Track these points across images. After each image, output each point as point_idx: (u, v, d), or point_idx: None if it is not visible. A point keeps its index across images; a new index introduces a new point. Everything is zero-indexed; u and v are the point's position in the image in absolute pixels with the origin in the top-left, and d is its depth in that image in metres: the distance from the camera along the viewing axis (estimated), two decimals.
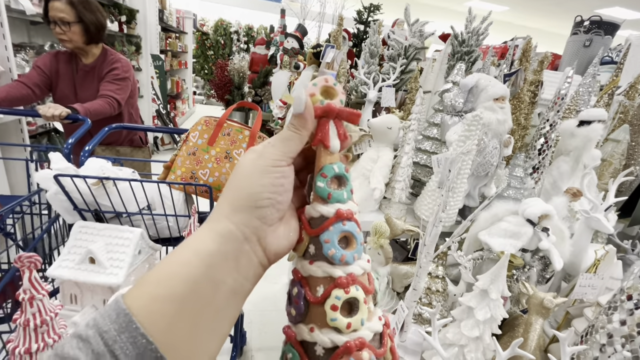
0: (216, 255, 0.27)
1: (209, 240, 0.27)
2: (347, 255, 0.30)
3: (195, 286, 0.25)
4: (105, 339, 0.22)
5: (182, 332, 0.24)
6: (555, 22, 8.25)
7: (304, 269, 0.31)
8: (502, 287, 0.68)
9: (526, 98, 1.29)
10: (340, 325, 0.28)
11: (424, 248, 0.75)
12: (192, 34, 7.24)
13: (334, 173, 0.32)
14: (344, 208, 0.31)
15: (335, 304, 0.29)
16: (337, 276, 0.29)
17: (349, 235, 0.31)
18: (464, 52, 1.54)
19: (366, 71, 1.50)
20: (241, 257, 0.28)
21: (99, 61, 1.76)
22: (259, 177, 0.29)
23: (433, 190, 1.08)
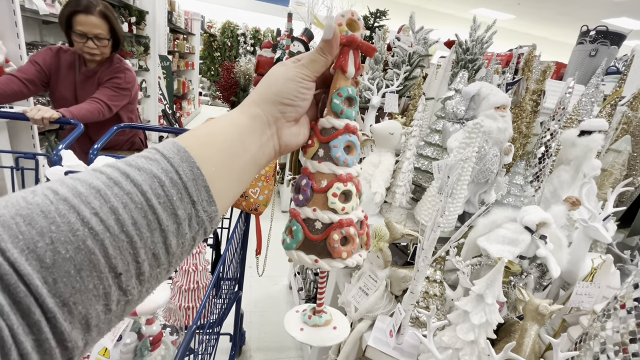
0: (247, 127, 0.35)
1: (243, 117, 0.35)
2: (349, 159, 0.39)
3: (231, 144, 0.33)
4: (171, 162, 0.28)
5: (220, 173, 0.31)
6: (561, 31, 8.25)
7: (313, 166, 0.40)
8: (497, 292, 0.69)
9: (528, 107, 1.30)
10: (337, 208, 0.38)
11: (422, 252, 0.76)
12: (200, 36, 7.32)
13: (348, 94, 0.39)
14: (352, 123, 0.39)
15: (336, 193, 0.38)
16: (339, 173, 0.39)
17: (352, 144, 0.40)
18: (468, 60, 1.56)
19: (370, 77, 1.52)
20: (263, 135, 0.36)
21: (103, 67, 1.70)
22: (287, 82, 0.36)
23: (433, 196, 1.09)
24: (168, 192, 0.27)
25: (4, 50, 1.72)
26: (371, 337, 0.87)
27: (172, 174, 0.27)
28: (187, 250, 0.30)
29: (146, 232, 0.25)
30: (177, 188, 0.27)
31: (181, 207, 0.28)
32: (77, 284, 0.22)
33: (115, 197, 0.24)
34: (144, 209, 0.25)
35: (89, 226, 0.23)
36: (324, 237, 0.38)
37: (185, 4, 6.23)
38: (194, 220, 0.29)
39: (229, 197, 0.33)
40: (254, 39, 8.35)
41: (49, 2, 2.20)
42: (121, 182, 0.25)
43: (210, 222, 0.31)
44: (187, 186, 0.28)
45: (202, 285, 0.93)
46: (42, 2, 2.07)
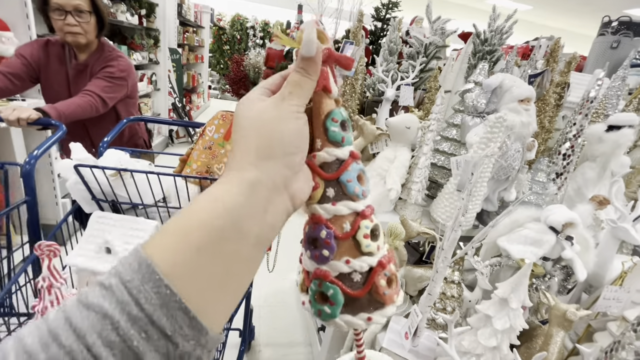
0: (244, 206, 0.25)
1: (235, 190, 0.26)
2: (366, 191, 0.34)
3: (221, 238, 0.24)
4: (129, 288, 0.22)
5: (206, 283, 0.24)
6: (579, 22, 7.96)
7: (328, 211, 0.33)
8: (523, 297, 0.65)
9: (552, 100, 1.24)
10: (373, 249, 0.33)
11: (442, 253, 0.73)
12: (209, 29, 7.29)
13: (342, 117, 0.34)
14: (355, 150, 0.35)
15: (366, 233, 0.32)
16: (361, 210, 0.33)
17: (361, 173, 0.35)
18: (486, 52, 1.49)
19: (384, 69, 1.47)
20: (269, 207, 0.27)
21: (93, 57, 1.52)
22: (288, 123, 0.28)
23: (451, 193, 1.05)
24: (125, 335, 0.20)
25: (16, 42, 1.72)
26: (385, 339, 0.84)
27: (129, 307, 0.21)
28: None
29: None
30: (138, 325, 0.21)
31: (148, 349, 0.21)
32: None
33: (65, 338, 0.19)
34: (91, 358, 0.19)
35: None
36: (369, 287, 0.32)
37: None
38: (173, 354, 0.22)
39: (225, 305, 0.25)
40: (263, 31, 8.29)
41: None
42: (60, 337, 0.20)
43: (203, 349, 0.23)
44: (154, 318, 0.21)
45: None
46: None
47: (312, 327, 1.76)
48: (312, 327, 1.76)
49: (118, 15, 3.00)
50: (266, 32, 8.26)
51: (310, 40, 0.29)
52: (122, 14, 3.05)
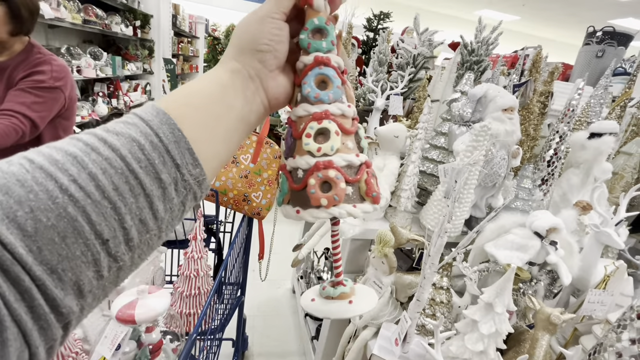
0: (228, 84, 0.33)
1: (221, 73, 0.33)
2: (320, 94, 0.34)
3: (213, 104, 0.31)
4: (150, 125, 0.27)
5: (203, 134, 0.30)
6: (566, 32, 8.19)
7: (292, 113, 0.36)
8: (507, 301, 0.67)
9: (535, 109, 1.27)
10: (312, 149, 0.34)
11: (429, 259, 0.74)
12: (204, 39, 7.36)
13: (314, 25, 0.35)
14: (322, 55, 0.35)
15: (309, 133, 0.34)
16: (313, 112, 0.34)
17: (325, 78, 0.35)
18: (473, 62, 1.54)
19: (374, 79, 1.51)
20: (247, 90, 0.34)
21: (16, 60, 1.16)
22: (257, 25, 0.34)
23: (439, 200, 1.07)
24: (149, 156, 0.26)
25: None
26: (376, 346, 0.85)
27: (152, 137, 0.26)
28: (177, 216, 0.29)
29: (130, 197, 0.25)
30: (158, 151, 0.26)
31: (164, 170, 0.27)
32: (64, 251, 0.22)
33: (93, 163, 0.24)
34: (124, 174, 0.25)
35: (68, 193, 0.22)
36: (304, 184, 0.34)
37: (189, 7, 6.27)
38: (180, 184, 0.28)
39: (217, 160, 0.32)
40: None
41: (54, 7, 2.22)
42: (99, 148, 0.24)
43: (199, 186, 0.30)
44: (169, 149, 0.27)
45: (203, 291, 0.92)
46: (47, 6, 2.08)
47: (305, 336, 1.75)
48: (305, 336, 1.75)
49: (112, 27, 3.03)
50: None
51: None
52: (116, 25, 3.08)
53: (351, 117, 0.37)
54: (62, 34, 2.76)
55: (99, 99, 2.93)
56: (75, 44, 2.90)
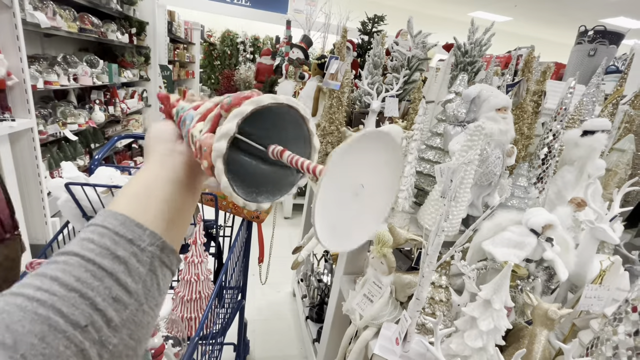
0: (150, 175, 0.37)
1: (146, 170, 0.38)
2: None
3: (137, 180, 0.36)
4: (95, 223, 0.30)
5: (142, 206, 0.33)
6: (559, 32, 8.28)
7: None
8: (505, 298, 0.68)
9: (529, 108, 1.29)
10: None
11: (427, 257, 0.75)
12: (200, 45, 7.38)
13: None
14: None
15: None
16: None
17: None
18: (467, 63, 1.56)
19: (370, 82, 1.52)
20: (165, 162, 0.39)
21: None
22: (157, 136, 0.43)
23: (436, 200, 1.08)
24: (100, 243, 0.28)
25: (6, 64, 1.74)
26: (377, 345, 0.86)
27: (99, 229, 0.29)
28: (155, 286, 0.31)
29: (94, 281, 0.26)
30: (108, 236, 0.29)
31: (119, 248, 0.29)
32: (47, 350, 0.22)
33: (52, 270, 0.26)
34: (82, 265, 0.26)
35: (35, 299, 0.24)
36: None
37: (184, 14, 6.30)
38: (140, 255, 0.30)
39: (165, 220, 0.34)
40: (253, 46, 8.41)
41: (50, 16, 2.23)
42: (55, 259, 0.27)
43: (162, 250, 0.32)
44: (117, 231, 0.29)
45: (204, 295, 0.92)
46: (43, 15, 2.09)
47: (307, 340, 1.75)
48: (307, 339, 1.75)
49: (108, 35, 3.04)
50: (256, 47, 8.39)
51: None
52: (112, 33, 3.09)
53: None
54: (59, 43, 2.77)
55: (96, 106, 2.93)
56: (71, 52, 2.91)
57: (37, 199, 2.06)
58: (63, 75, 2.40)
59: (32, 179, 2.02)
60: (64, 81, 2.40)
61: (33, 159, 1.99)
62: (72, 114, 2.55)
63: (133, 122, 3.85)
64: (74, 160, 2.65)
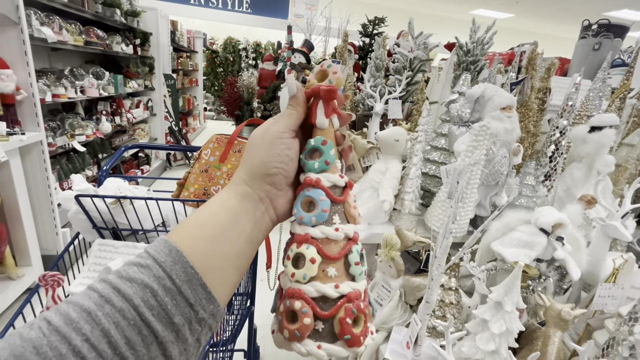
0: (238, 209, 0.34)
1: (232, 199, 0.34)
2: (304, 217, 0.35)
3: (223, 232, 0.32)
4: (163, 267, 0.28)
5: (215, 264, 0.30)
6: (562, 26, 8.20)
7: (295, 229, 0.37)
8: (516, 299, 0.67)
9: (534, 105, 1.28)
10: (288, 272, 0.34)
11: (435, 260, 0.74)
12: (202, 53, 7.47)
13: (310, 146, 0.36)
14: (313, 176, 0.36)
15: (289, 255, 0.35)
16: (296, 233, 0.35)
17: (312, 200, 0.35)
18: (470, 62, 1.55)
19: (372, 84, 1.52)
20: (257, 212, 0.35)
21: None
22: (267, 149, 0.35)
23: (443, 201, 1.07)
24: (162, 301, 0.26)
25: (15, 79, 1.77)
26: (388, 350, 0.85)
27: (164, 281, 0.27)
28: (194, 354, 0.29)
29: (141, 348, 0.25)
30: (171, 294, 0.27)
31: (177, 313, 0.27)
32: None
33: (106, 317, 0.25)
34: (137, 325, 0.25)
35: (80, 355, 0.23)
36: (278, 306, 0.35)
37: (187, 22, 6.38)
38: (194, 323, 0.28)
39: (229, 286, 0.32)
40: (255, 52, 8.48)
41: (57, 30, 2.27)
42: (112, 300, 0.25)
43: (214, 318, 0.30)
44: (182, 290, 0.28)
45: None
46: (49, 30, 2.14)
47: None
48: None
49: (113, 46, 3.09)
50: (258, 53, 8.46)
51: (291, 84, 0.36)
52: (117, 45, 3.14)
53: (341, 240, 0.34)
54: (65, 56, 2.83)
55: (103, 117, 2.98)
56: (78, 65, 2.96)
57: (47, 210, 2.09)
58: (70, 88, 2.45)
59: (43, 191, 2.05)
60: (71, 94, 2.44)
61: (43, 171, 2.02)
62: (80, 126, 2.60)
63: (139, 132, 3.90)
64: (83, 170, 2.69)
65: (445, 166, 1.06)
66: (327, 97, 0.36)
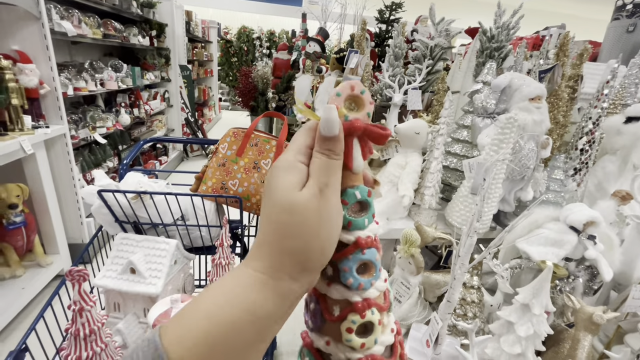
0: (272, 315, 0.25)
1: (270, 302, 0.25)
2: (364, 283, 0.30)
3: (243, 343, 0.24)
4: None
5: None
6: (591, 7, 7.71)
7: (322, 288, 0.31)
8: (545, 302, 0.64)
9: (564, 94, 1.21)
10: (355, 345, 0.30)
11: (459, 259, 0.72)
12: (217, 43, 7.47)
13: (357, 199, 0.30)
14: (364, 235, 0.30)
15: (351, 327, 0.30)
16: (354, 301, 0.30)
17: (368, 262, 0.31)
18: (494, 48, 1.47)
19: (390, 74, 1.47)
20: (293, 305, 0.27)
21: None
22: (330, 227, 0.26)
23: (465, 196, 1.04)
24: None
25: (38, 73, 1.82)
26: (407, 348, 0.84)
27: None
28: None
29: None
30: None
31: None
32: None
33: None
34: None
35: None
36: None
37: (201, 12, 6.37)
38: None
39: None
40: (269, 41, 8.41)
41: (76, 24, 2.31)
42: None
43: None
44: None
45: None
46: (69, 24, 2.17)
47: None
48: None
49: (130, 39, 3.12)
50: (272, 42, 8.39)
51: (330, 121, 0.27)
52: (134, 37, 3.17)
53: (386, 290, 0.32)
54: (85, 50, 2.88)
55: (122, 109, 3.04)
56: (97, 58, 3.01)
57: (72, 200, 2.17)
58: (91, 81, 2.50)
59: (67, 182, 2.12)
60: (91, 87, 2.49)
61: (67, 163, 2.09)
62: (101, 118, 2.66)
63: (157, 123, 3.96)
64: (104, 162, 2.76)
65: (468, 160, 1.02)
66: (378, 140, 0.29)
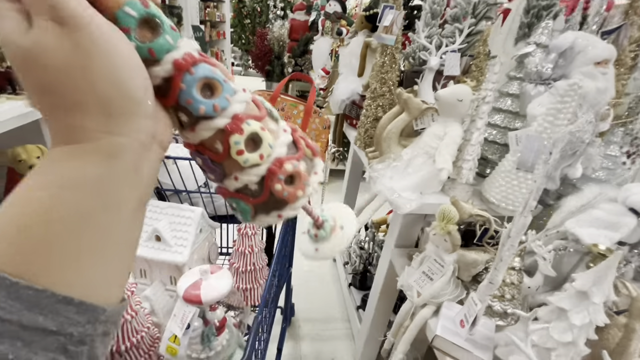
0: (105, 179, 0.21)
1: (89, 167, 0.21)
2: (217, 102, 0.27)
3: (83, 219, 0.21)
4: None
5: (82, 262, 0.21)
6: None
7: (192, 138, 0.28)
8: (608, 291, 0.58)
9: (628, 60, 1.07)
10: (255, 161, 0.29)
11: (508, 240, 0.66)
12: (229, 3, 7.10)
13: (135, 19, 0.23)
14: (179, 55, 0.25)
15: (240, 149, 0.28)
16: (224, 125, 0.27)
17: (207, 81, 0.26)
18: (542, 7, 1.31)
19: (427, 34, 1.34)
20: (141, 166, 0.24)
21: None
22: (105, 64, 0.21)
23: (508, 172, 0.96)
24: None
25: None
26: (439, 326, 0.81)
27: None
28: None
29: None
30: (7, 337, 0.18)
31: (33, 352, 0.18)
32: None
33: None
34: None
35: None
36: (267, 193, 0.30)
37: None
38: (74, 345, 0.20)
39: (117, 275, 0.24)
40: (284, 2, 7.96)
41: None
42: None
43: (106, 323, 0.22)
44: (24, 323, 0.18)
45: (258, 267, 0.91)
46: None
47: (350, 305, 1.77)
48: (350, 304, 1.77)
49: None
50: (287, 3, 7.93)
51: None
52: None
53: (250, 99, 0.30)
54: None
55: None
56: None
57: None
58: None
59: None
60: None
61: None
62: None
63: None
64: None
65: (516, 132, 0.93)
66: None
